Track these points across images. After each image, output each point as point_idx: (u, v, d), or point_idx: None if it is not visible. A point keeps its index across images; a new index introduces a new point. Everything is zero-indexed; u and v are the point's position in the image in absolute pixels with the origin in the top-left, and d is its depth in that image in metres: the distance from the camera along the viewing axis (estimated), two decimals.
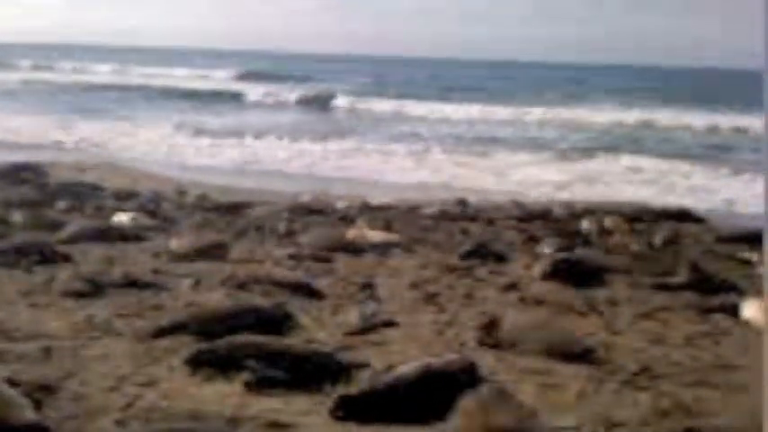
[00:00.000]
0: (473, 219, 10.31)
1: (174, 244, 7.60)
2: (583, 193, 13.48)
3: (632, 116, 28.98)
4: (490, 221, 10.17)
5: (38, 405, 3.78)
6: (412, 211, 10.71)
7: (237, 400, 4.06)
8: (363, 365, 4.56)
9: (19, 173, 12.26)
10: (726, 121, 27.29)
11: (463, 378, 4.19)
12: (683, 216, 10.93)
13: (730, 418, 4.06)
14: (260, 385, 4.20)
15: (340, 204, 10.85)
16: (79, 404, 3.93)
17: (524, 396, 4.24)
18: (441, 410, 3.85)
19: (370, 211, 10.47)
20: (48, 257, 6.86)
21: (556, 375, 4.61)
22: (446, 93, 40.16)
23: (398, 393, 3.98)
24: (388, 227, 9.19)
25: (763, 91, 3.41)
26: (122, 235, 8.12)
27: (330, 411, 3.90)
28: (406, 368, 4.15)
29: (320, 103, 34.39)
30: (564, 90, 45.76)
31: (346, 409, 3.89)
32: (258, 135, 19.78)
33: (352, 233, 8.66)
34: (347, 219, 9.82)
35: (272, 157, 16.99)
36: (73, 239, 7.77)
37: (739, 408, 4.17)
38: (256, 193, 12.02)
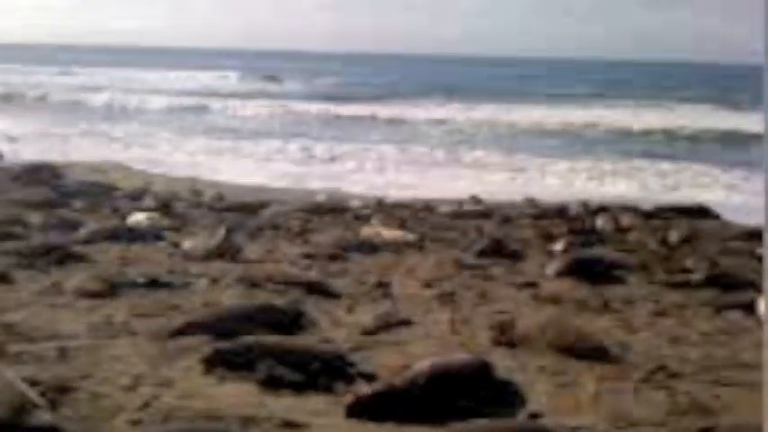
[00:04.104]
0: (488, 216, 10.29)
1: (189, 244, 7.63)
2: (596, 191, 13.41)
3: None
4: (505, 219, 10.14)
5: (55, 405, 3.82)
6: (426, 209, 10.70)
7: (253, 400, 4.07)
8: (378, 365, 4.56)
9: (35, 174, 12.35)
10: (729, 119, 26.92)
11: (478, 377, 4.19)
12: (699, 213, 10.85)
13: (747, 416, 4.03)
14: (275, 385, 4.21)
15: (355, 203, 10.85)
16: (96, 404, 3.95)
17: (540, 395, 4.24)
18: (455, 410, 3.86)
19: (385, 210, 10.47)
20: (64, 258, 6.90)
21: (571, 374, 4.59)
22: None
23: (413, 393, 3.97)
24: (402, 225, 9.20)
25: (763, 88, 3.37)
26: (138, 235, 8.16)
27: (345, 411, 3.91)
28: (421, 367, 4.14)
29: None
30: (563, 90, 45.21)
31: (361, 409, 3.89)
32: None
33: (366, 232, 8.67)
34: (362, 217, 9.84)
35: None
36: (89, 240, 7.81)
37: (756, 406, 4.14)
38: (271, 193, 12.05)
